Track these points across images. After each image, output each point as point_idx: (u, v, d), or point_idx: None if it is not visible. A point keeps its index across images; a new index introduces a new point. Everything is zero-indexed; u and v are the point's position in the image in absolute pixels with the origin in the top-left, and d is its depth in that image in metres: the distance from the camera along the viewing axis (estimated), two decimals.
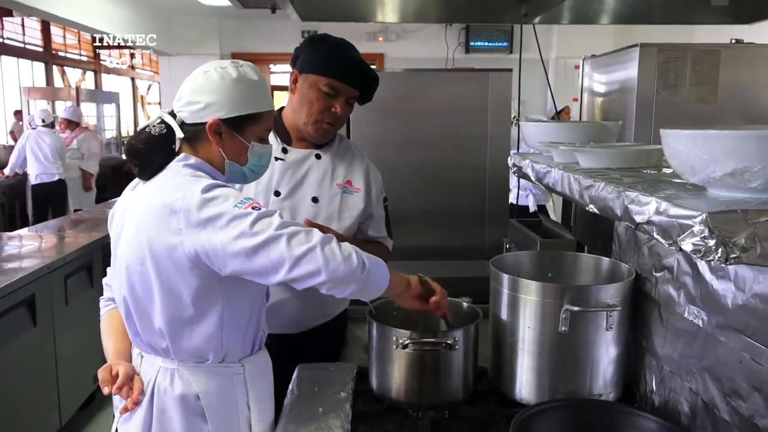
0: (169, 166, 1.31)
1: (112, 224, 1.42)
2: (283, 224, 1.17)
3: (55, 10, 4.77)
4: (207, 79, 1.30)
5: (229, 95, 1.30)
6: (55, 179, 6.48)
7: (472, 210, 3.08)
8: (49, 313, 2.90)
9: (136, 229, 1.27)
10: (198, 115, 1.30)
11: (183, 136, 1.31)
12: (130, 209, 1.33)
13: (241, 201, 1.19)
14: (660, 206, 0.75)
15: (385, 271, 1.26)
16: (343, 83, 1.71)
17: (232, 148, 1.34)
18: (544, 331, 1.40)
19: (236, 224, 1.16)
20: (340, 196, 1.80)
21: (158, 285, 1.24)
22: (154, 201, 1.25)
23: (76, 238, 3.49)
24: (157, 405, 1.29)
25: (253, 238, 1.15)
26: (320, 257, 1.15)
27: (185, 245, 1.19)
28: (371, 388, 1.52)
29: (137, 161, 1.33)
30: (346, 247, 1.20)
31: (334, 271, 1.16)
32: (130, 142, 1.35)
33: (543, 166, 1.28)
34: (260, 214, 1.18)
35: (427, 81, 3.11)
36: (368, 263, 1.21)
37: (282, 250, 1.14)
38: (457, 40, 7.49)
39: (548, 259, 1.62)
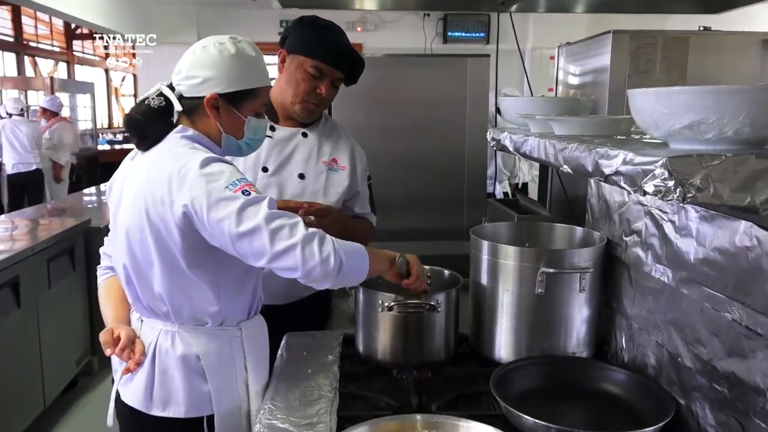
0: (168, 137, 1.35)
1: (111, 194, 1.46)
2: (270, 216, 1.21)
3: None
4: (206, 54, 1.34)
5: (227, 71, 1.34)
6: (33, 168, 6.43)
7: (451, 194, 3.16)
8: (33, 295, 2.92)
9: (135, 198, 1.31)
10: (196, 89, 1.34)
11: (181, 109, 1.36)
12: (129, 179, 1.37)
13: (233, 182, 1.23)
14: (626, 157, 0.83)
15: (364, 266, 1.31)
16: (328, 65, 1.76)
17: (229, 122, 1.38)
18: (522, 293, 1.48)
19: (224, 206, 1.20)
20: (326, 174, 1.86)
21: (156, 251, 1.29)
22: (153, 170, 1.29)
23: (58, 224, 3.50)
24: (159, 365, 1.35)
25: (239, 225, 1.19)
26: (299, 256, 1.20)
27: (177, 213, 1.23)
28: (357, 353, 1.59)
29: (136, 132, 1.37)
30: (327, 247, 1.23)
31: (310, 271, 1.21)
32: (130, 114, 1.38)
33: (520, 136, 1.36)
34: (249, 201, 1.21)
35: (406, 66, 3.17)
36: (345, 264, 1.24)
37: (264, 242, 1.19)
38: (435, 30, 7.57)
39: (525, 229, 1.71)
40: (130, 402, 1.38)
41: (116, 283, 1.49)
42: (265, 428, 1.24)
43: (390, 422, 1.11)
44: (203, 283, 1.32)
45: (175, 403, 1.35)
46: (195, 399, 1.36)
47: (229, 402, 1.39)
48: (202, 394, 1.36)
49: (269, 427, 1.24)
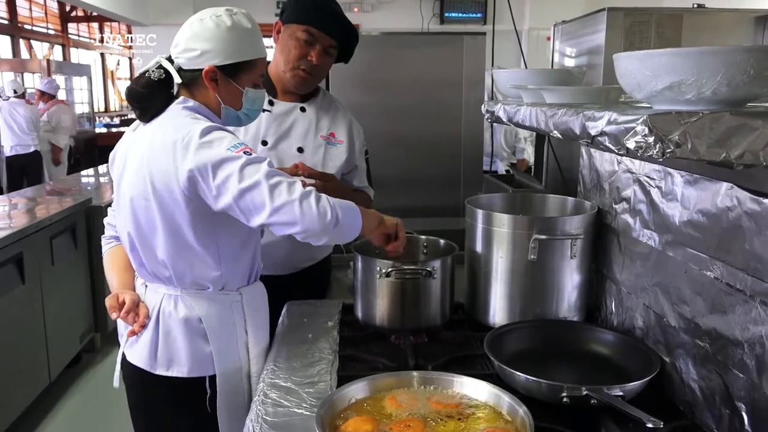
0: (170, 108, 1.39)
1: (114, 164, 1.50)
2: (270, 173, 1.26)
3: None
4: (203, 27, 1.37)
5: (224, 43, 1.37)
6: (31, 150, 6.45)
7: (448, 172, 3.20)
8: (37, 271, 2.97)
9: (139, 167, 1.35)
10: (195, 62, 1.38)
11: (180, 82, 1.39)
12: (132, 149, 1.41)
13: (234, 145, 1.28)
14: (611, 117, 0.87)
15: (358, 221, 1.36)
16: (318, 30, 1.77)
17: (228, 94, 1.42)
18: (515, 259, 1.53)
19: (227, 166, 1.25)
20: (324, 147, 1.90)
21: (161, 218, 1.33)
22: (156, 139, 1.33)
23: (60, 202, 3.54)
24: (163, 327, 1.40)
25: (241, 181, 1.24)
26: (297, 211, 1.24)
27: (182, 179, 1.28)
28: (356, 319, 1.64)
29: (138, 104, 1.41)
30: (323, 203, 1.27)
31: (308, 225, 1.26)
32: (131, 86, 1.42)
33: (513, 106, 1.40)
34: (250, 160, 1.26)
35: (402, 45, 3.19)
36: (341, 218, 1.29)
37: (264, 197, 1.24)
38: (432, 10, 7.57)
39: (519, 200, 1.76)
40: (135, 362, 1.43)
41: (120, 252, 1.54)
42: (268, 387, 1.29)
43: (387, 378, 1.16)
44: (205, 249, 1.37)
45: (178, 363, 1.41)
46: (197, 359, 1.41)
47: (229, 363, 1.44)
48: (204, 355, 1.41)
49: (272, 386, 1.29)
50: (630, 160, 1.43)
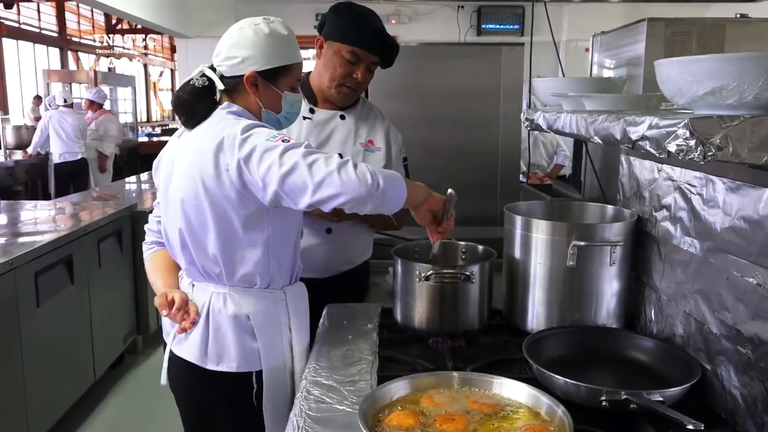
0: (214, 113, 1.45)
1: (159, 169, 1.57)
2: (307, 153, 1.30)
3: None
4: (242, 36, 1.44)
5: (263, 50, 1.44)
6: (78, 158, 6.68)
7: (485, 181, 3.22)
8: (85, 273, 3.08)
9: (188, 168, 1.42)
10: (236, 68, 1.45)
11: (223, 88, 1.46)
12: (178, 153, 1.48)
13: (273, 135, 1.34)
14: (652, 122, 0.89)
15: (402, 187, 1.35)
16: (364, 50, 1.84)
17: (268, 98, 1.48)
18: (554, 266, 1.54)
19: (268, 156, 1.30)
20: (363, 154, 1.95)
21: (212, 215, 1.39)
22: (204, 141, 1.39)
23: (106, 208, 3.67)
24: (213, 324, 1.45)
25: (282, 167, 1.28)
26: (338, 181, 1.27)
27: (232, 177, 1.34)
28: (395, 322, 1.68)
29: (184, 111, 1.48)
30: (361, 168, 1.30)
31: (352, 192, 1.28)
32: (177, 94, 1.49)
33: (553, 114, 1.42)
34: (288, 146, 1.31)
35: (441, 56, 3.23)
36: (382, 181, 1.30)
37: (305, 176, 1.28)
38: (469, 22, 7.60)
39: (557, 207, 1.77)
40: (186, 357, 1.49)
41: (163, 255, 1.61)
42: (310, 384, 1.33)
43: (428, 378, 1.19)
44: (255, 244, 1.42)
45: (227, 359, 1.46)
46: (245, 355, 1.46)
47: (275, 360, 1.49)
48: (252, 351, 1.46)
49: (315, 383, 1.33)
50: (671, 168, 1.43)
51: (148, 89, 18.68)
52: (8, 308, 2.44)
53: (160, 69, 19.95)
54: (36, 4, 12.47)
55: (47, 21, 13.14)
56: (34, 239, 2.75)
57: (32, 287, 2.60)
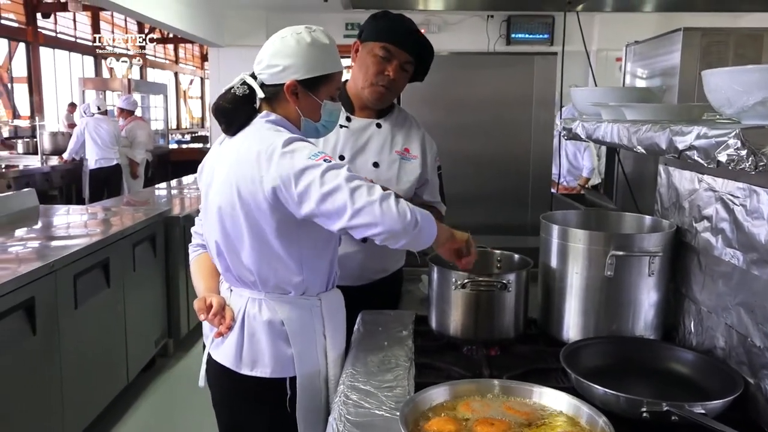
0: (254, 122, 1.48)
1: (202, 175, 1.60)
2: (350, 177, 1.32)
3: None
4: (284, 44, 1.46)
5: (305, 58, 1.45)
6: (113, 164, 6.82)
7: (516, 191, 3.21)
8: (121, 276, 3.15)
9: (226, 177, 1.44)
10: (277, 77, 1.46)
11: (263, 96, 1.48)
12: (219, 161, 1.51)
13: (315, 153, 1.35)
14: (701, 132, 0.89)
15: (434, 228, 1.39)
16: (396, 46, 1.84)
17: (307, 106, 1.50)
18: (591, 275, 1.54)
19: (309, 173, 1.32)
20: (399, 163, 1.96)
21: (247, 225, 1.41)
22: (242, 151, 1.42)
23: (142, 212, 3.74)
24: (248, 329, 1.48)
25: (322, 186, 1.30)
26: (377, 211, 1.29)
27: (266, 189, 1.36)
28: (430, 329, 1.68)
29: (224, 119, 1.51)
30: (402, 205, 1.32)
31: (389, 226, 1.30)
32: (218, 102, 1.52)
33: (592, 123, 1.42)
34: (330, 166, 1.33)
35: (473, 65, 3.24)
36: (420, 221, 1.33)
37: (345, 199, 1.29)
38: (498, 32, 7.60)
39: (594, 217, 1.76)
40: (222, 361, 1.51)
41: (206, 259, 1.64)
42: (348, 389, 1.34)
43: (468, 385, 1.19)
44: (288, 255, 1.44)
45: (262, 364, 1.48)
46: (279, 361, 1.48)
47: (309, 366, 1.50)
48: (286, 357, 1.48)
49: (352, 388, 1.34)
50: (712, 178, 1.42)
51: (179, 97, 18.98)
52: (48, 309, 2.50)
53: (190, 77, 20.27)
54: (72, 14, 12.80)
55: (82, 30, 13.47)
56: (73, 242, 2.82)
57: (71, 289, 2.67)
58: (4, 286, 2.18)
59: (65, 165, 7.07)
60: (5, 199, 3.49)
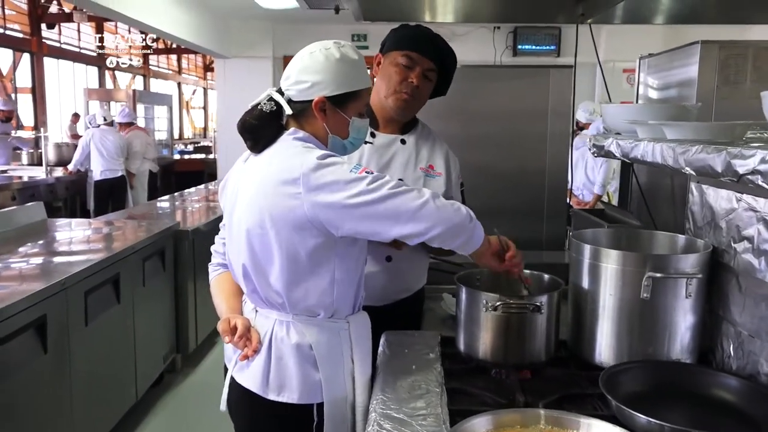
0: (281, 139, 1.44)
1: (225, 193, 1.56)
2: (397, 184, 1.31)
3: (119, 8, 4.99)
4: (313, 60, 1.43)
5: (334, 75, 1.42)
6: (118, 175, 6.79)
7: (531, 205, 3.16)
8: (130, 292, 3.10)
9: (255, 196, 1.40)
10: (305, 93, 1.43)
11: (291, 113, 1.45)
12: (244, 179, 1.47)
13: (356, 166, 1.33)
14: (765, 156, 0.85)
15: (480, 229, 1.40)
16: (417, 53, 1.81)
17: (335, 123, 1.47)
18: (625, 297, 1.49)
19: (354, 185, 1.29)
20: (423, 179, 1.92)
21: (277, 246, 1.37)
22: (272, 170, 1.38)
23: (151, 226, 3.69)
24: (275, 352, 1.43)
25: (371, 195, 1.28)
26: (433, 209, 1.30)
27: (305, 208, 1.32)
28: (458, 352, 1.63)
29: (251, 136, 1.47)
30: (452, 202, 1.34)
31: (448, 222, 1.31)
32: (245, 119, 1.48)
33: (629, 141, 1.38)
34: (375, 177, 1.31)
35: (487, 77, 3.21)
36: (473, 215, 1.36)
37: (398, 205, 1.28)
38: (505, 43, 7.59)
39: (624, 236, 1.72)
40: (247, 385, 1.46)
41: (227, 278, 1.60)
42: (380, 417, 1.29)
43: (512, 414, 1.14)
44: (320, 276, 1.40)
45: (289, 389, 1.43)
46: (307, 386, 1.43)
47: (336, 391, 1.46)
48: (314, 383, 1.43)
49: (384, 416, 1.29)
50: (753, 198, 1.38)
51: (181, 107, 19.00)
52: (60, 327, 2.45)
53: (193, 87, 20.31)
54: (77, 24, 12.82)
55: (86, 41, 13.49)
56: (83, 258, 2.78)
57: (82, 306, 2.62)
58: (17, 305, 2.14)
59: (70, 176, 7.03)
60: (13, 213, 3.45)
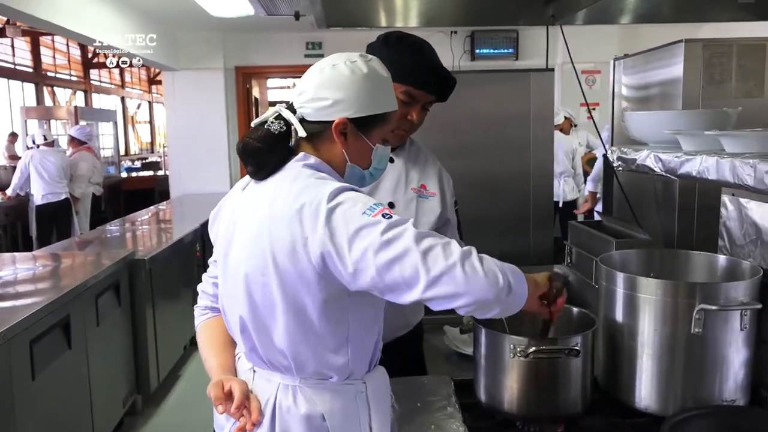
0: (288, 166, 1.20)
1: (216, 225, 1.30)
2: (419, 235, 1.05)
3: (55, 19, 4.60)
4: (336, 73, 1.19)
5: (360, 92, 1.18)
6: (62, 198, 6.31)
7: (516, 215, 3.01)
8: (83, 334, 2.77)
9: (256, 236, 1.15)
10: (324, 112, 1.18)
11: (305, 135, 1.20)
12: (243, 212, 1.22)
13: (371, 207, 1.08)
14: None
15: (525, 285, 1.13)
16: (421, 90, 1.61)
17: (356, 150, 1.22)
18: (670, 333, 1.31)
19: (366, 234, 1.05)
20: (416, 201, 1.73)
21: (282, 298, 1.13)
22: (277, 205, 1.13)
23: (105, 257, 3.36)
24: (280, 425, 1.16)
25: (385, 251, 1.03)
26: (460, 277, 1.03)
27: (312, 255, 1.08)
28: (476, 402, 1.42)
29: (253, 160, 1.21)
30: (488, 263, 1.06)
31: (477, 295, 1.04)
32: (246, 140, 1.21)
33: (677, 155, 1.19)
34: (391, 223, 1.06)
35: (465, 83, 3.03)
36: (512, 281, 1.07)
37: (417, 266, 1.03)
38: (463, 47, 7.44)
39: (657, 258, 1.53)
40: None
41: (218, 324, 1.33)
42: None
43: None
44: (333, 334, 1.15)
45: None
46: None
47: None
48: None
49: None
50: None
51: (126, 122, 18.33)
52: (1, 383, 2.13)
53: (137, 101, 19.63)
54: (10, 40, 12.15)
55: (21, 56, 12.81)
56: (28, 302, 2.44)
57: (27, 357, 2.29)
58: None
59: (9, 202, 6.54)
60: None
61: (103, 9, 5.52)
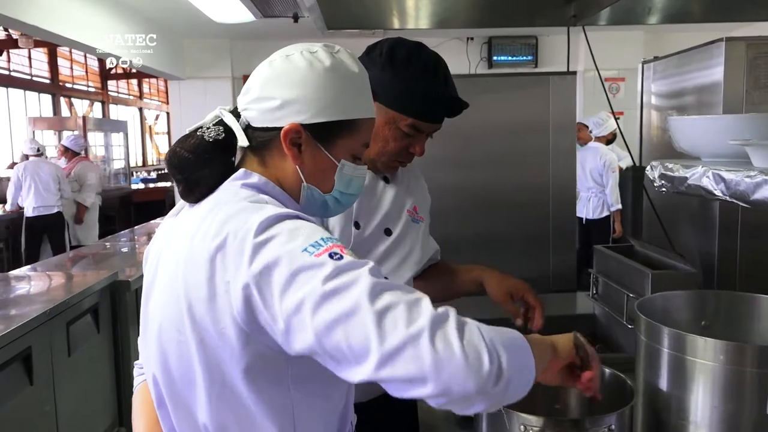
0: (223, 186, 0.93)
1: (147, 265, 1.02)
2: (376, 287, 0.74)
3: (62, 31, 4.49)
4: (289, 66, 0.92)
5: (318, 91, 0.92)
6: (54, 212, 6.10)
7: (535, 235, 2.70)
8: (48, 368, 2.50)
9: (172, 279, 0.88)
10: (271, 115, 0.92)
11: (247, 144, 0.94)
12: (168, 246, 0.94)
13: (314, 243, 0.78)
14: None
15: (529, 360, 0.79)
16: (428, 122, 1.35)
17: (314, 167, 0.95)
18: (734, 411, 0.98)
19: (304, 280, 0.75)
20: (410, 225, 1.50)
21: (201, 363, 0.84)
22: (197, 240, 0.85)
23: (79, 280, 3.10)
24: None
25: (326, 306, 0.74)
26: (427, 354, 0.71)
27: (234, 305, 0.78)
28: None
29: (182, 176, 0.94)
30: (471, 335, 0.73)
31: (449, 380, 0.71)
32: (174, 149, 0.96)
33: (748, 174, 0.87)
34: (340, 267, 0.76)
35: (479, 88, 2.75)
36: (506, 364, 0.74)
37: (368, 332, 0.72)
38: (479, 54, 7.18)
39: (710, 302, 1.21)
40: None
41: None
42: None
43: None
44: (270, 411, 0.86)
45: None
46: None
47: None
48: None
49: None
50: None
51: (144, 133, 18.36)
52: None
53: (156, 112, 19.70)
54: (27, 51, 12.16)
55: (38, 68, 12.82)
56: None
57: None
58: None
59: (9, 215, 6.36)
60: None
61: (109, 19, 5.42)
